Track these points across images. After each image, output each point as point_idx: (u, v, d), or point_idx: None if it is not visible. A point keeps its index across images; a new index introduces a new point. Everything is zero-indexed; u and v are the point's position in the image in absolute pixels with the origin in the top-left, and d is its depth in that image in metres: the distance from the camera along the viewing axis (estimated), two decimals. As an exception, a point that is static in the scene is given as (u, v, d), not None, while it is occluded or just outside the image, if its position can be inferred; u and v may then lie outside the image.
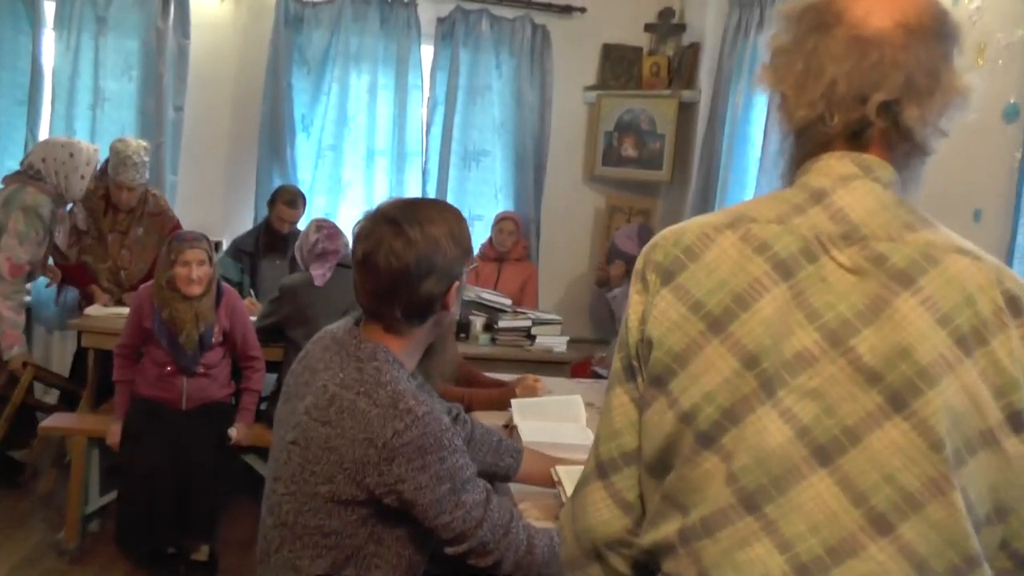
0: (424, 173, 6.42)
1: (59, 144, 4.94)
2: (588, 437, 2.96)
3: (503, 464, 2.54)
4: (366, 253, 2.02)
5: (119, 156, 5.01)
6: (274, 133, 6.18)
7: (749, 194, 5.38)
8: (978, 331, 1.18)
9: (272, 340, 4.54)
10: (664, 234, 1.38)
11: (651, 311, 1.32)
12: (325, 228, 4.61)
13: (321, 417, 1.96)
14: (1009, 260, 2.87)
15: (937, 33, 1.27)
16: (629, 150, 6.54)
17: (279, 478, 2.05)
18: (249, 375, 4.37)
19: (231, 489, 4.40)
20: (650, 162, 6.52)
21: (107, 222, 5.20)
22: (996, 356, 1.18)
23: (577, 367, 5.35)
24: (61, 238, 5.08)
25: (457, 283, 2.08)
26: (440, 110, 6.40)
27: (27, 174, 4.84)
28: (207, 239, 4.18)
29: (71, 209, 5.17)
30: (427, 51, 6.41)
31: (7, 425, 4.73)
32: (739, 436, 1.23)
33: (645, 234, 5.61)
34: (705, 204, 5.80)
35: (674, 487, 1.29)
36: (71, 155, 4.87)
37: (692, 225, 1.35)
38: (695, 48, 6.43)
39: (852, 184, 1.27)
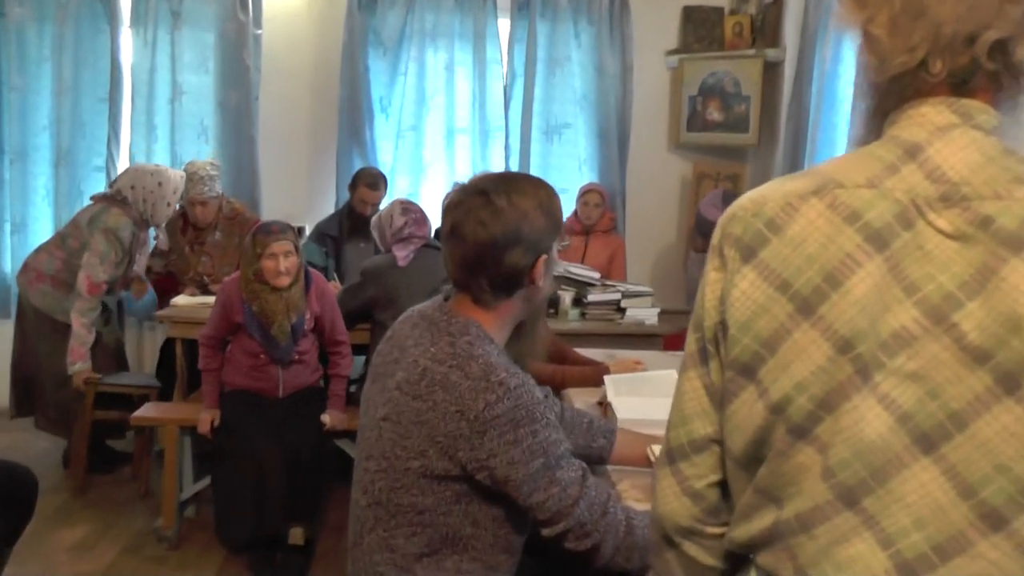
0: (507, 149, 6.33)
1: (148, 172, 5.03)
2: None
3: (596, 445, 2.46)
4: (455, 224, 2.00)
5: (190, 177, 5.16)
6: (353, 117, 6.15)
7: (840, 154, 5.12)
8: None
9: (357, 323, 4.52)
10: (742, 203, 1.23)
11: (731, 291, 1.20)
12: (413, 212, 4.55)
13: (413, 391, 1.94)
14: None
15: None
16: (714, 114, 6.36)
17: (371, 456, 2.02)
18: (337, 360, 4.33)
19: (327, 474, 4.38)
20: (736, 125, 6.34)
21: (186, 239, 5.35)
22: None
23: (670, 339, 5.21)
24: (142, 261, 5.21)
25: (545, 256, 2.02)
26: (520, 84, 6.30)
27: (115, 198, 4.95)
28: (292, 228, 4.14)
29: (155, 234, 5.34)
30: (504, 25, 6.31)
31: (87, 445, 4.86)
32: (835, 427, 1.12)
33: (729, 199, 5.42)
34: (794, 166, 5.60)
35: (767, 481, 1.19)
36: (159, 184, 4.99)
37: (773, 193, 1.20)
38: (779, 4, 6.21)
39: (951, 135, 1.13)
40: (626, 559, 1.99)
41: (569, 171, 6.42)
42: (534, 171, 6.26)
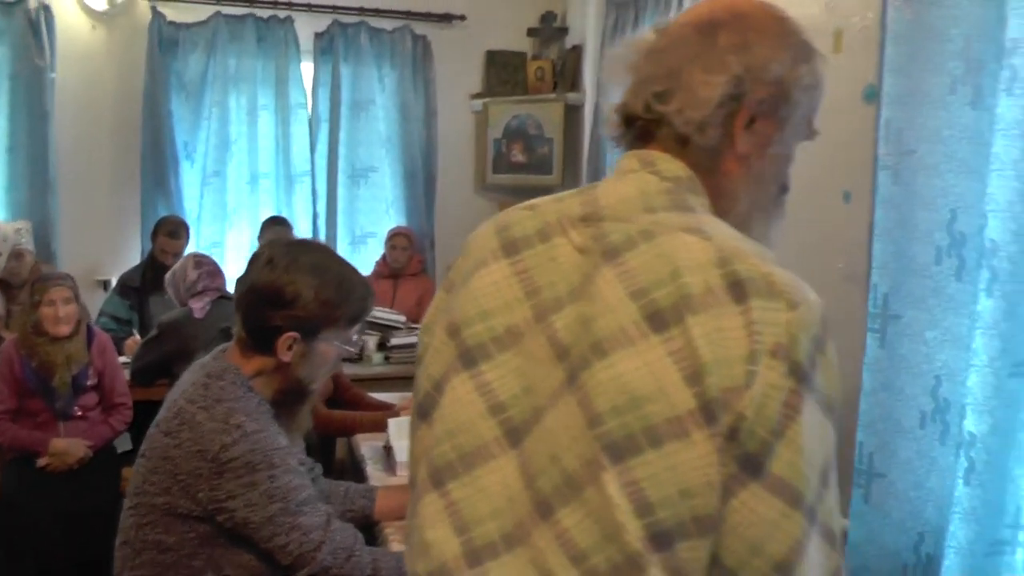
0: (313, 193, 6.31)
1: None
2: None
3: (356, 507, 2.50)
4: (250, 259, 2.16)
5: None
6: (156, 163, 6.02)
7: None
8: (677, 308, 1.06)
9: (156, 379, 4.41)
10: None
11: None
12: (206, 265, 4.50)
13: (166, 428, 2.00)
14: (870, 239, 2.86)
15: (703, 30, 1.24)
16: (518, 156, 6.52)
17: (129, 494, 2.07)
18: (115, 415, 4.23)
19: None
20: (540, 167, 6.52)
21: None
22: (691, 335, 1.05)
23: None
24: None
25: (296, 335, 2.06)
26: (324, 127, 6.31)
27: None
28: (71, 277, 4.09)
29: None
30: (307, 68, 6.32)
31: None
32: (440, 406, 1.21)
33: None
34: (596, 206, 5.75)
35: (411, 473, 1.30)
36: None
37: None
38: (577, 51, 6.44)
39: (626, 177, 1.24)
40: None
41: (376, 214, 6.45)
42: (341, 215, 6.31)
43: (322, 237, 6.25)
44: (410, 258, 5.96)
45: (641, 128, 1.25)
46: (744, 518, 1.04)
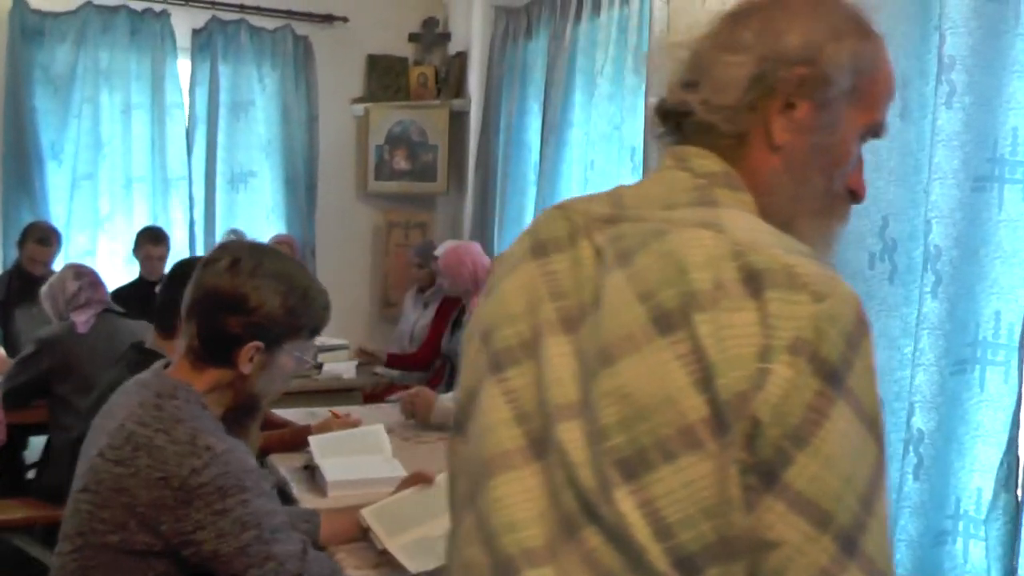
0: (190, 199, 6.05)
1: None
2: (396, 468, 2.86)
3: (300, 531, 2.35)
4: (202, 263, 1.95)
5: None
6: (20, 163, 5.64)
7: (529, 201, 5.40)
8: (684, 308, 0.99)
9: (32, 399, 4.15)
10: None
11: None
12: (87, 275, 4.24)
13: (115, 456, 1.79)
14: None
15: (734, 16, 1.19)
16: (402, 163, 6.42)
17: (66, 537, 1.84)
18: None
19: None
20: (424, 174, 6.43)
21: None
22: (697, 335, 0.97)
23: (369, 393, 5.17)
24: None
25: (260, 345, 1.91)
26: (202, 129, 6.05)
27: None
28: None
29: None
30: (184, 66, 6.05)
31: None
32: (473, 416, 1.17)
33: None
34: (484, 213, 5.79)
35: (449, 493, 1.25)
36: None
37: None
38: (462, 57, 6.37)
39: (657, 175, 1.20)
40: None
41: (256, 221, 6.23)
42: (220, 221, 6.07)
43: (200, 245, 6.01)
44: (293, 267, 5.77)
45: (675, 123, 1.21)
46: (763, 539, 0.95)
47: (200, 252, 6.03)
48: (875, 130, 1.21)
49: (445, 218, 6.56)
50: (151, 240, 5.48)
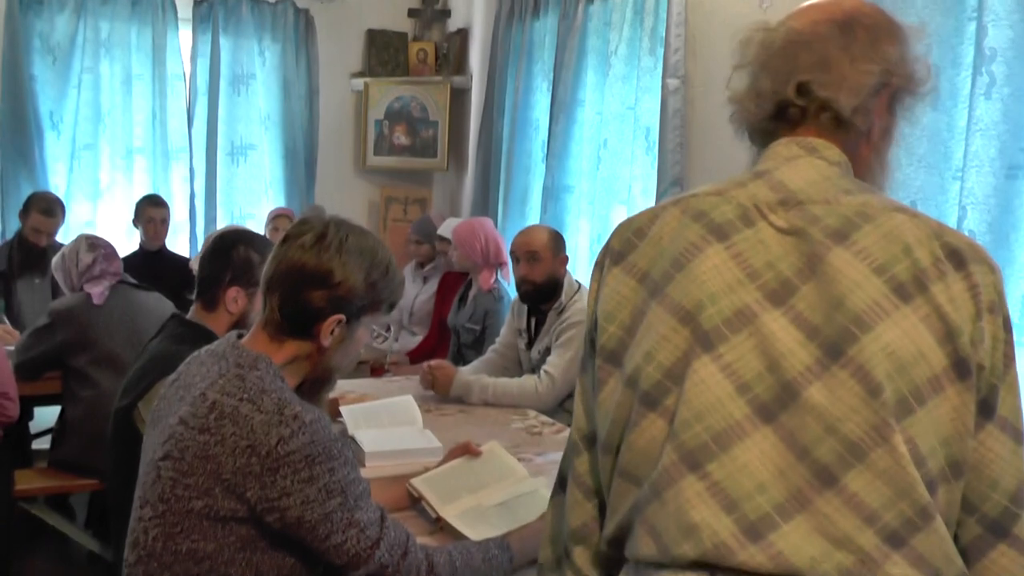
0: (191, 172, 6.03)
1: None
2: (431, 440, 2.89)
3: None
4: (285, 236, 1.95)
5: None
6: (18, 133, 5.59)
7: (535, 178, 5.37)
8: (918, 279, 1.22)
9: (45, 371, 4.11)
10: (622, 222, 1.46)
11: (602, 290, 1.41)
12: (101, 247, 4.19)
13: (199, 425, 1.80)
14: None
15: (841, 27, 1.37)
16: (402, 138, 6.42)
17: (146, 503, 1.86)
18: None
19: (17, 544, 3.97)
20: (424, 150, 6.43)
21: None
22: (938, 302, 1.21)
23: (377, 368, 5.18)
24: None
25: (341, 318, 1.93)
26: (203, 102, 6.03)
27: None
28: None
29: None
30: (185, 37, 6.00)
31: None
32: (679, 393, 1.27)
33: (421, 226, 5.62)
34: (485, 190, 5.77)
35: (626, 459, 1.32)
36: None
37: (646, 209, 1.45)
38: (463, 34, 6.37)
39: (795, 162, 1.35)
40: None
41: (255, 194, 6.24)
42: (220, 195, 6.07)
43: (201, 218, 6.01)
44: (294, 242, 5.75)
45: (794, 113, 1.37)
46: (983, 456, 1.23)
47: (200, 224, 6.02)
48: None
49: (444, 194, 6.57)
50: (151, 203, 5.46)
